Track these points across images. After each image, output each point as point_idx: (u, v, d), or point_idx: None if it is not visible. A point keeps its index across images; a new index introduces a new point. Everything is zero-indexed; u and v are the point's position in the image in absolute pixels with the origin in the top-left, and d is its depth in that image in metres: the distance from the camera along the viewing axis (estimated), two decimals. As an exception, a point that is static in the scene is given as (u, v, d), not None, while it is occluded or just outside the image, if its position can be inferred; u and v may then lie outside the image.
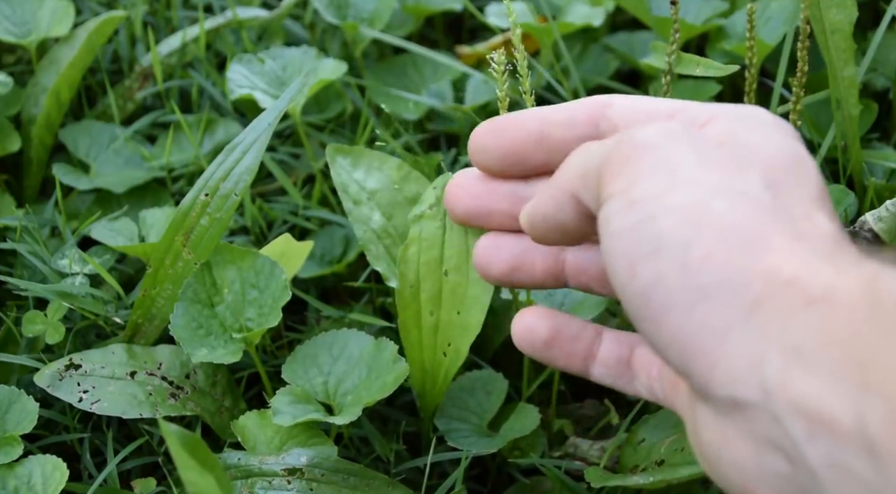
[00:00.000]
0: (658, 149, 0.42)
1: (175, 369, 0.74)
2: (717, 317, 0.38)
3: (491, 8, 1.01)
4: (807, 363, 0.36)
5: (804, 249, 0.38)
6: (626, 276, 0.41)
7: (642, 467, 0.68)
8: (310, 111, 1.00)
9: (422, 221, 0.70)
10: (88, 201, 0.94)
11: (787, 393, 0.36)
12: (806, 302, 0.37)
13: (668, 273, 0.39)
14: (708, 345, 0.39)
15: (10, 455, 0.68)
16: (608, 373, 0.51)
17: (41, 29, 0.97)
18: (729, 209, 0.40)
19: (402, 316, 0.70)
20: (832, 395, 0.35)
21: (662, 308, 0.40)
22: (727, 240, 0.39)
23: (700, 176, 0.41)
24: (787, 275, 0.37)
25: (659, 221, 0.40)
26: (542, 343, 0.51)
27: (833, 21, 0.76)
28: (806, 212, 0.41)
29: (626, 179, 0.42)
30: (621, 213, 0.42)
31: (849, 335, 0.35)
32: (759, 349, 0.37)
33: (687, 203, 0.40)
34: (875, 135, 0.88)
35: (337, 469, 0.67)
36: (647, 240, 0.40)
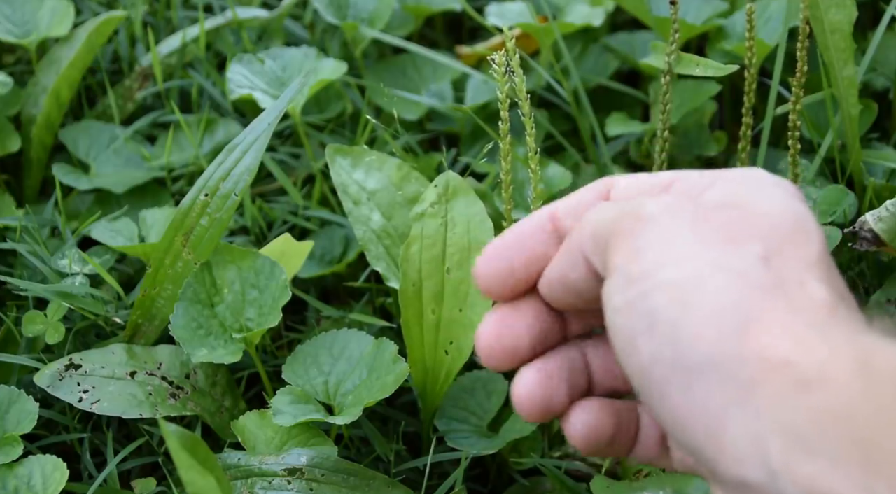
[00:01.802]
0: (658, 223, 0.42)
1: (175, 369, 0.74)
2: (714, 399, 0.38)
3: (491, 8, 1.01)
4: (808, 445, 0.36)
5: (797, 327, 0.38)
6: (627, 352, 0.41)
7: (645, 472, 0.68)
8: (310, 111, 1.00)
9: (423, 219, 0.70)
10: (88, 201, 0.94)
11: (793, 475, 0.36)
12: (800, 383, 0.37)
13: (663, 351, 0.40)
14: (710, 427, 0.39)
15: (10, 455, 0.68)
16: (646, 455, 0.49)
17: (41, 29, 0.97)
18: (721, 287, 0.39)
19: (405, 315, 0.71)
20: (838, 478, 0.35)
21: (662, 385, 0.40)
22: (717, 320, 0.39)
23: (695, 251, 0.41)
24: (780, 357, 0.37)
25: (652, 298, 0.40)
26: (609, 439, 0.47)
27: (832, 21, 0.76)
28: (801, 280, 0.40)
29: (626, 253, 0.42)
30: (620, 290, 0.42)
31: (845, 415, 0.35)
32: (759, 431, 0.37)
33: (679, 280, 0.40)
34: (875, 135, 0.88)
35: (337, 469, 0.67)
36: (642, 316, 0.40)
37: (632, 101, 1.01)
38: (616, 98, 1.01)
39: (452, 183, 0.71)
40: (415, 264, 0.70)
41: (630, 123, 0.93)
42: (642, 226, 0.42)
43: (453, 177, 0.71)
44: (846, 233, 0.74)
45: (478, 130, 0.97)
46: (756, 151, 0.82)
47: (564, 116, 0.99)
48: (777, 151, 0.90)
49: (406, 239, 0.71)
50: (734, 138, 0.93)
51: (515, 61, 0.63)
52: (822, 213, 0.78)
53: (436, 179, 0.71)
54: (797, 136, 0.78)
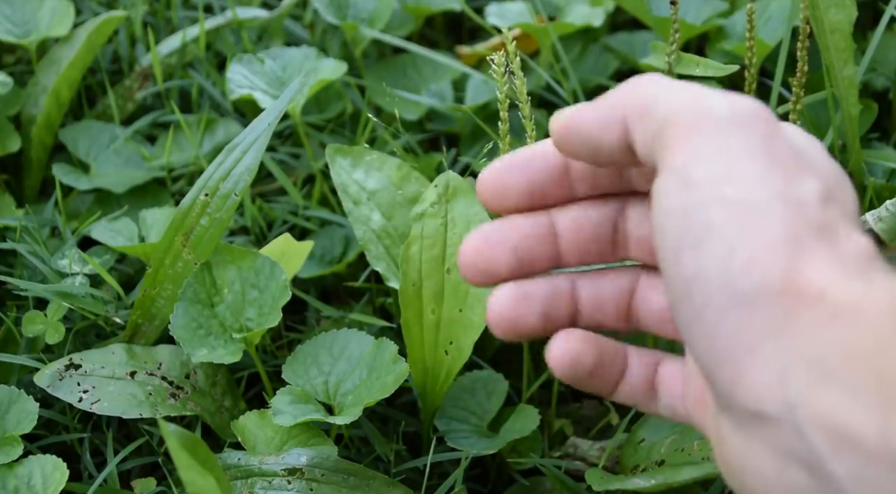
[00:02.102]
0: (730, 131, 0.41)
1: (175, 369, 0.74)
2: (749, 327, 0.38)
3: (490, 8, 1.01)
4: (831, 377, 0.36)
5: (841, 265, 0.38)
6: (671, 261, 0.40)
7: (643, 467, 0.68)
8: (310, 111, 1.00)
9: (423, 219, 0.70)
10: (88, 201, 0.94)
11: (811, 408, 0.36)
12: (833, 315, 0.37)
13: (710, 269, 0.39)
14: (736, 354, 0.38)
15: (10, 455, 0.68)
16: (633, 395, 0.48)
17: (41, 29, 0.97)
18: (781, 217, 0.39)
19: (405, 315, 0.71)
20: (857, 411, 0.35)
21: (699, 303, 0.39)
22: (772, 249, 0.38)
23: (763, 173, 0.40)
24: (819, 289, 0.37)
25: (711, 212, 0.39)
26: (589, 372, 0.47)
27: (832, 21, 0.76)
28: (847, 228, 0.40)
29: (689, 153, 0.41)
30: (676, 192, 0.40)
31: (873, 349, 0.35)
32: (784, 363, 0.37)
33: (743, 199, 0.39)
34: (875, 135, 0.88)
35: (337, 469, 0.67)
36: (695, 228, 0.39)
37: (632, 101, 1.01)
38: (616, 98, 1.00)
39: (452, 183, 0.71)
40: (415, 264, 0.70)
41: (630, 123, 0.93)
42: (711, 129, 0.41)
43: (453, 177, 0.71)
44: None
45: (478, 130, 0.97)
46: (756, 151, 0.82)
47: (564, 116, 0.99)
48: (777, 151, 0.90)
49: (406, 239, 0.71)
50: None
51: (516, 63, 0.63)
52: (822, 213, 0.77)
53: (436, 179, 0.71)
54: (797, 136, 0.78)
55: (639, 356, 0.49)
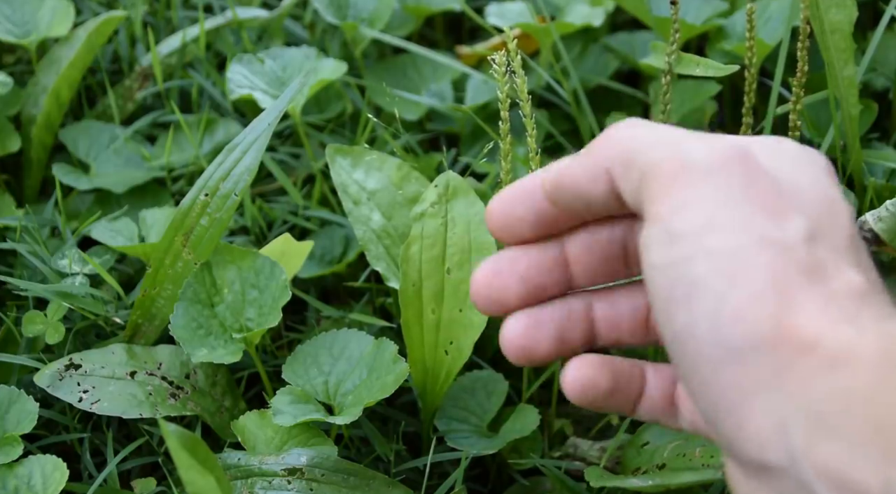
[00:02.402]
0: (708, 177, 0.40)
1: (175, 369, 0.74)
2: (744, 380, 0.38)
3: (491, 8, 1.01)
4: (829, 428, 0.36)
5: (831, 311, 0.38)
6: (663, 316, 0.41)
7: (643, 470, 0.68)
8: (310, 111, 1.00)
9: (423, 219, 0.70)
10: (88, 201, 0.94)
11: (813, 459, 0.36)
12: (827, 364, 0.37)
13: (700, 324, 0.39)
14: (734, 406, 0.39)
15: (10, 455, 0.68)
16: (654, 412, 0.48)
17: (41, 29, 0.97)
18: (767, 265, 0.39)
19: (405, 315, 0.71)
20: (858, 461, 0.35)
21: (694, 357, 0.39)
22: (760, 299, 0.38)
23: (745, 218, 0.40)
24: (812, 338, 0.37)
25: (695, 265, 0.39)
26: (604, 395, 0.47)
27: (833, 21, 0.76)
28: (838, 264, 0.40)
29: (669, 203, 0.41)
30: (661, 246, 0.40)
31: (867, 398, 0.35)
32: (782, 414, 0.37)
33: (726, 249, 0.39)
34: (875, 135, 0.88)
35: (337, 469, 0.67)
36: (682, 282, 0.39)
37: (632, 101, 1.01)
38: (616, 98, 1.01)
39: (452, 183, 0.71)
40: (415, 264, 0.70)
41: (630, 123, 0.93)
42: (690, 177, 0.41)
43: (453, 177, 0.71)
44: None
45: (478, 130, 0.97)
46: (756, 151, 0.82)
47: (564, 116, 0.99)
48: (777, 151, 0.90)
49: (406, 239, 0.71)
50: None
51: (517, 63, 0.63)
52: (823, 213, 0.77)
53: (436, 179, 0.71)
54: (798, 136, 0.78)
55: (656, 372, 0.49)
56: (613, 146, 0.44)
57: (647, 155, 0.42)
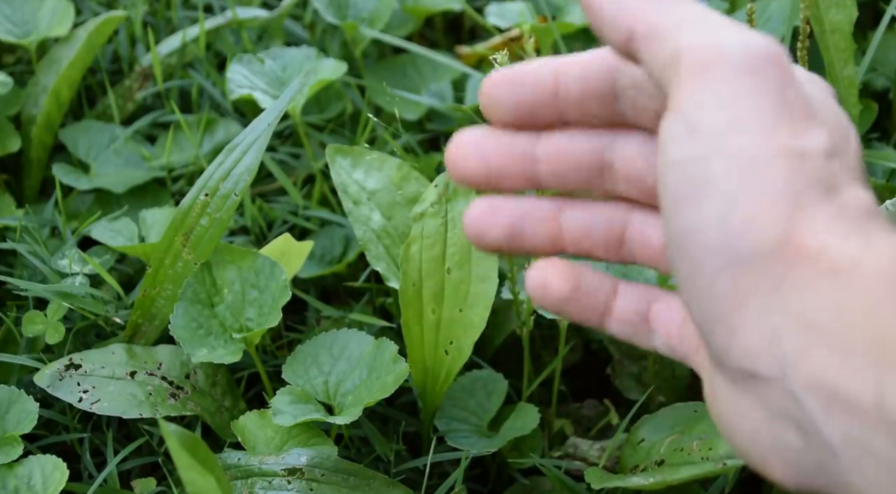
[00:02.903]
0: (742, 77, 0.39)
1: (175, 369, 0.74)
2: (744, 286, 0.38)
3: (491, 8, 1.01)
4: (824, 337, 0.35)
5: (842, 222, 0.38)
6: (671, 211, 0.40)
7: (642, 467, 0.68)
8: (310, 111, 1.00)
9: (424, 219, 0.70)
10: (88, 201, 0.94)
11: (804, 368, 0.35)
12: (828, 274, 0.36)
13: (708, 224, 0.38)
14: (730, 312, 0.38)
15: (10, 455, 0.68)
16: (625, 328, 0.48)
17: (41, 29, 0.97)
18: (783, 173, 0.38)
19: (405, 315, 0.71)
20: (850, 372, 0.34)
21: (696, 258, 0.39)
22: (772, 207, 0.38)
23: (770, 124, 0.39)
24: (816, 247, 0.37)
25: (712, 164, 0.38)
26: (558, 299, 0.47)
27: (833, 21, 0.76)
28: (851, 182, 0.40)
29: (697, 95, 0.39)
30: (681, 142, 0.39)
31: (867, 309, 0.35)
32: (777, 322, 0.37)
33: (746, 152, 0.38)
34: (875, 135, 0.88)
35: (337, 469, 0.67)
36: (696, 180, 0.39)
37: (632, 101, 1.01)
38: (616, 98, 1.00)
39: (453, 183, 0.71)
40: (415, 264, 0.70)
41: (630, 123, 0.93)
42: (723, 71, 0.40)
43: None
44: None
45: (478, 130, 0.97)
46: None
47: (564, 116, 0.99)
48: (777, 151, 0.90)
49: (406, 238, 0.71)
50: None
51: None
52: (822, 213, 0.77)
53: (436, 179, 0.71)
54: (797, 136, 0.78)
55: (631, 289, 0.48)
56: (644, 9, 0.42)
57: (682, 33, 0.41)
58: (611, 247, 0.49)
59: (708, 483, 0.71)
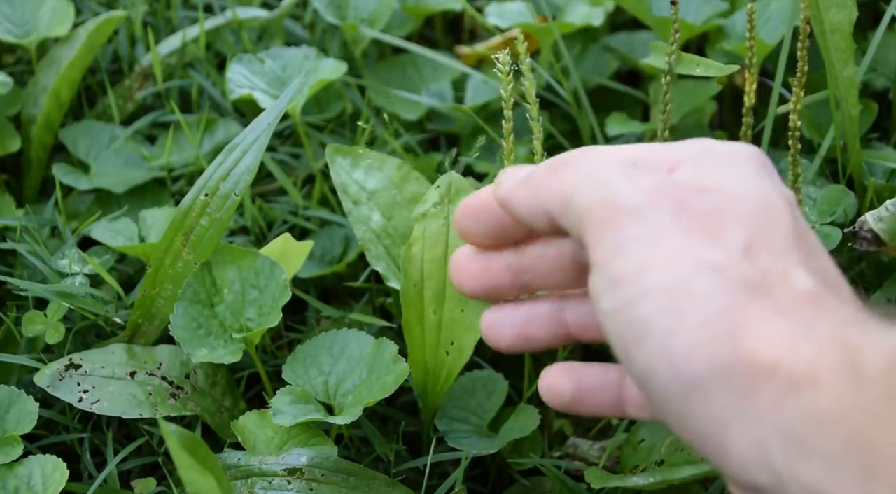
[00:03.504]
0: (637, 215, 0.41)
1: (175, 369, 0.74)
2: (714, 408, 0.38)
3: (491, 8, 1.01)
4: (806, 448, 0.36)
5: (784, 326, 0.38)
6: (623, 359, 0.41)
7: (642, 467, 0.68)
8: (310, 111, 1.00)
9: (426, 219, 0.70)
10: (88, 201, 0.94)
11: (796, 479, 0.36)
12: (792, 385, 0.37)
13: (657, 363, 0.39)
14: (713, 435, 0.39)
15: (10, 455, 0.68)
16: (645, 412, 0.50)
17: (41, 29, 0.97)
18: (708, 291, 0.39)
19: (406, 315, 0.70)
20: (837, 481, 0.35)
21: (661, 394, 0.40)
22: (708, 328, 0.38)
23: (680, 247, 0.40)
24: (771, 360, 0.37)
25: (641, 307, 0.39)
26: (569, 401, 0.50)
27: (833, 21, 0.76)
28: (784, 269, 0.40)
29: (608, 249, 0.41)
30: (607, 294, 0.41)
31: (838, 416, 0.35)
32: (760, 436, 0.37)
33: (666, 285, 0.39)
34: (875, 135, 0.88)
35: (337, 469, 0.67)
36: (632, 326, 0.40)
37: (632, 101, 1.01)
38: (616, 98, 1.01)
39: (455, 183, 0.71)
40: (417, 264, 0.70)
41: (630, 123, 0.93)
42: (622, 220, 0.41)
43: (456, 177, 0.71)
44: (846, 232, 0.74)
45: (478, 130, 0.97)
46: (756, 151, 0.82)
47: (564, 116, 0.99)
48: (777, 151, 0.90)
49: (406, 239, 0.71)
50: (734, 138, 0.93)
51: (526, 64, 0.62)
52: (822, 213, 0.78)
53: (438, 180, 0.71)
54: (798, 136, 0.78)
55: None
56: (552, 184, 0.45)
57: (579, 200, 0.43)
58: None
59: (708, 482, 0.71)
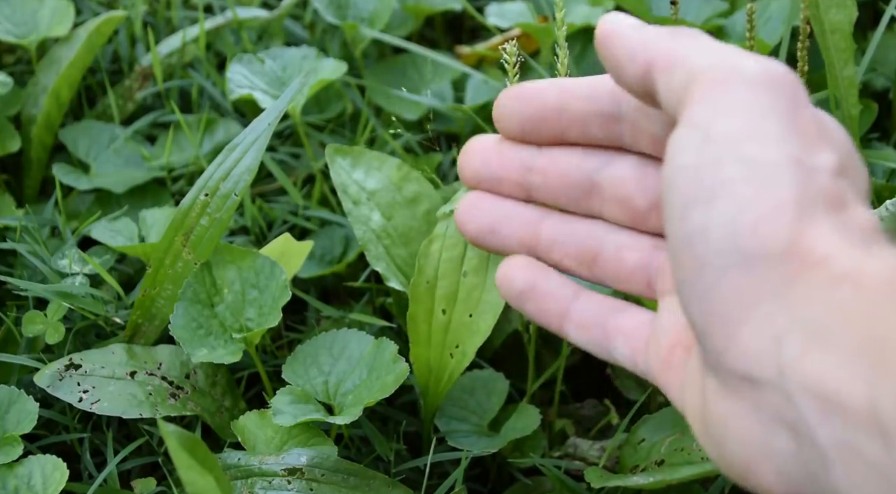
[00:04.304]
0: (758, 91, 0.41)
1: (175, 369, 0.74)
2: (747, 288, 0.38)
3: (491, 8, 1.01)
4: (824, 341, 0.36)
5: (846, 233, 0.38)
6: (678, 215, 0.40)
7: (642, 467, 0.68)
8: (310, 111, 1.00)
9: (450, 219, 0.70)
10: (88, 201, 0.94)
11: (802, 372, 0.36)
12: (833, 280, 0.36)
13: (717, 226, 0.39)
14: (731, 315, 0.38)
15: (10, 455, 0.68)
16: (583, 336, 0.50)
17: (41, 29, 0.97)
18: (794, 181, 0.39)
19: (413, 310, 0.70)
20: (846, 375, 0.34)
21: (701, 259, 0.39)
22: (781, 211, 0.38)
23: (784, 136, 0.40)
24: (822, 254, 0.37)
25: (726, 168, 0.39)
26: (518, 293, 0.51)
27: (833, 21, 0.76)
28: (856, 202, 0.40)
29: (714, 106, 0.41)
30: (694, 147, 0.40)
31: (869, 315, 0.35)
32: (780, 326, 0.37)
33: (759, 159, 0.39)
34: (875, 135, 0.88)
35: (337, 469, 0.67)
36: (708, 183, 0.39)
37: (632, 101, 1.01)
38: (616, 98, 1.00)
39: None
40: (433, 262, 0.70)
41: (630, 123, 0.93)
42: (740, 85, 0.41)
43: None
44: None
45: (478, 130, 0.97)
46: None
47: (564, 116, 0.99)
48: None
49: (407, 238, 0.71)
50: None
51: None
52: (823, 213, 0.78)
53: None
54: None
55: (594, 298, 0.50)
56: (664, 43, 0.44)
57: (700, 58, 0.42)
58: (583, 262, 0.51)
59: (708, 482, 0.71)
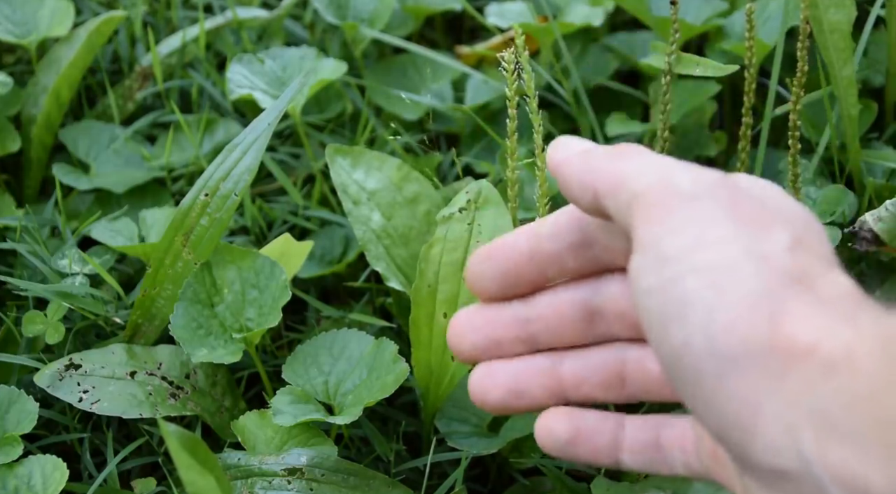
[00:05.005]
0: (694, 201, 0.42)
1: (175, 369, 0.75)
2: (747, 388, 0.39)
3: (491, 8, 1.01)
4: (836, 430, 0.36)
5: (824, 313, 0.39)
6: (660, 336, 0.41)
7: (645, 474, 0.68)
8: (310, 111, 1.00)
9: (450, 222, 0.70)
10: (88, 201, 0.94)
11: (825, 462, 0.37)
12: (827, 367, 0.37)
13: (695, 338, 0.40)
14: (743, 416, 0.39)
15: (10, 455, 0.68)
16: (640, 460, 0.50)
17: (41, 29, 0.97)
18: (754, 274, 0.40)
19: (415, 313, 0.70)
20: (863, 461, 0.35)
21: (695, 372, 0.40)
22: (750, 307, 0.39)
23: (730, 234, 0.41)
24: (808, 343, 0.38)
25: (685, 282, 0.40)
26: (564, 443, 0.50)
27: (832, 21, 0.76)
28: (824, 271, 0.41)
29: (659, 228, 0.42)
30: (652, 270, 0.41)
31: (869, 396, 0.36)
32: (789, 419, 0.38)
33: (714, 264, 0.40)
34: (874, 135, 0.88)
35: (337, 469, 0.67)
36: (674, 301, 0.40)
37: (632, 101, 1.01)
38: (616, 98, 1.01)
39: (484, 192, 0.71)
40: (433, 265, 0.70)
41: (630, 123, 0.93)
42: (678, 202, 0.42)
43: (486, 186, 0.71)
44: (846, 233, 0.74)
45: (478, 130, 0.97)
46: (756, 151, 0.82)
47: (564, 116, 0.99)
48: (777, 151, 0.90)
49: (407, 239, 0.71)
50: (734, 138, 0.93)
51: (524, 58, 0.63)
52: (822, 213, 0.78)
53: (468, 185, 0.71)
54: (797, 136, 0.78)
55: (638, 422, 0.50)
56: (606, 168, 0.45)
57: (635, 183, 0.44)
58: (611, 387, 0.51)
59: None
